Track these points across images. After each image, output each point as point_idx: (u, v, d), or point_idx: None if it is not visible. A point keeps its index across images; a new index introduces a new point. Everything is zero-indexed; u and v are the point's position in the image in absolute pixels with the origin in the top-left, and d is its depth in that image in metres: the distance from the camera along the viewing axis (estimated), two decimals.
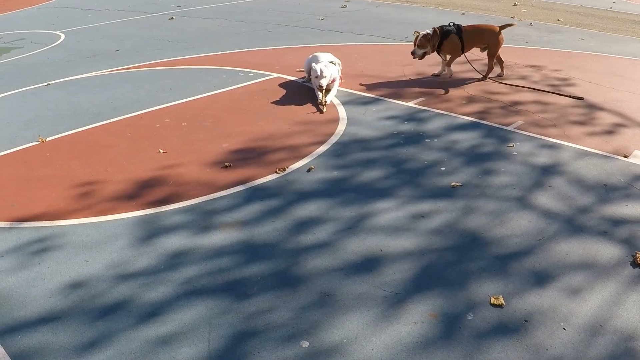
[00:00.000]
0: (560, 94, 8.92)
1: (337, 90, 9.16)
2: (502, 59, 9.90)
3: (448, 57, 9.83)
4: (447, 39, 9.41)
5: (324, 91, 8.78)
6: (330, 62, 9.15)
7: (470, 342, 3.97)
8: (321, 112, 8.41)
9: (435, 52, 9.63)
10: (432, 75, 10.12)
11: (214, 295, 4.50)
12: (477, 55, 10.09)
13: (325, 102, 8.62)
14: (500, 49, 9.65)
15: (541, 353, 3.86)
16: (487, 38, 9.56)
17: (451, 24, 9.51)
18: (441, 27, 9.44)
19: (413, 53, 9.46)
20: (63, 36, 15.17)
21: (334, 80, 9.02)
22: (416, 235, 5.19)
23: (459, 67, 10.11)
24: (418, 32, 9.44)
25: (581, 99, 8.72)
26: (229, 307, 4.37)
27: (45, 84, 10.44)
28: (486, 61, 9.81)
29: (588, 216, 5.45)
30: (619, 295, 4.40)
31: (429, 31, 9.34)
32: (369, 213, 5.59)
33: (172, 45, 13.33)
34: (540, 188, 5.97)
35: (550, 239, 5.10)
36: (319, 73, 8.72)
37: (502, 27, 9.52)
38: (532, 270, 4.68)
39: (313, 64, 8.94)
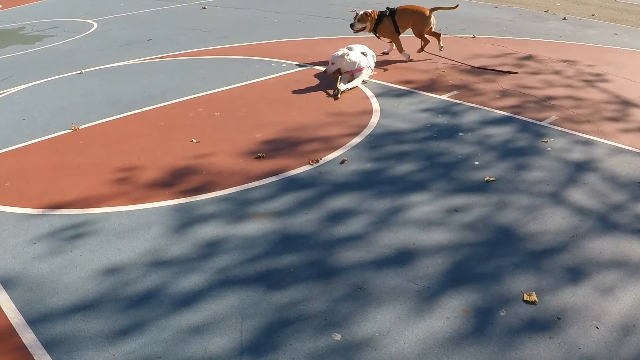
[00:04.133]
0: (495, 70, 9.70)
1: (370, 82, 9.17)
2: (429, 40, 10.59)
3: (385, 39, 10.57)
4: (382, 23, 10.17)
5: (337, 76, 8.97)
6: (362, 52, 9.17)
7: (503, 339, 3.95)
8: (335, 97, 8.55)
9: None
10: (382, 53, 10.82)
11: (246, 286, 4.52)
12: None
13: (339, 89, 8.70)
14: (429, 29, 10.38)
15: (573, 351, 3.83)
16: (414, 19, 10.22)
17: (387, 8, 10.26)
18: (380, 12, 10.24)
19: (352, 26, 10.28)
20: (96, 25, 15.27)
21: (360, 70, 9.07)
22: (449, 230, 5.17)
23: (488, 60, 10.06)
24: (357, 10, 10.22)
25: (515, 73, 9.51)
26: (262, 298, 4.38)
27: (78, 72, 10.52)
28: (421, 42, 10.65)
29: (622, 214, 5.40)
30: None
31: (368, 10, 10.20)
32: (402, 206, 5.57)
33: (204, 34, 13.37)
34: (574, 184, 5.91)
35: (584, 236, 5.05)
36: (330, 58, 9.05)
37: (433, 9, 10.26)
38: (566, 268, 4.65)
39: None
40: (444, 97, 8.47)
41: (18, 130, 7.74)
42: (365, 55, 9.22)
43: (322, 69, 9.63)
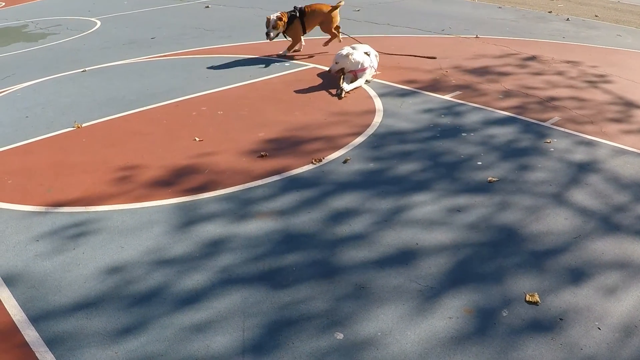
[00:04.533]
0: (415, 55, 10.53)
1: (373, 81, 9.18)
2: (337, 34, 10.98)
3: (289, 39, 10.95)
4: (292, 25, 10.48)
5: (341, 76, 9.01)
6: (365, 52, 9.17)
7: (505, 339, 3.95)
8: (339, 97, 8.57)
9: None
10: (277, 55, 11.12)
11: (249, 284, 4.52)
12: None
13: (343, 88, 8.68)
14: (335, 25, 10.82)
15: (575, 352, 3.83)
16: (320, 17, 10.69)
17: (295, 8, 10.55)
18: (288, 12, 10.59)
19: (267, 34, 10.46)
20: (99, 23, 15.27)
21: (363, 69, 9.06)
22: (452, 230, 5.17)
23: (494, 61, 10.06)
24: (269, 17, 10.34)
25: (434, 58, 10.34)
26: (264, 297, 4.38)
27: (82, 70, 10.52)
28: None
29: (624, 215, 5.40)
30: None
31: (279, 14, 10.31)
32: (405, 206, 5.57)
33: (208, 33, 13.37)
34: (577, 185, 5.91)
35: (586, 237, 5.05)
36: (334, 57, 9.05)
37: (334, 7, 10.62)
38: (568, 268, 4.65)
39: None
40: (447, 97, 8.47)
41: (21, 128, 7.74)
42: (369, 55, 9.21)
43: (325, 68, 9.64)
